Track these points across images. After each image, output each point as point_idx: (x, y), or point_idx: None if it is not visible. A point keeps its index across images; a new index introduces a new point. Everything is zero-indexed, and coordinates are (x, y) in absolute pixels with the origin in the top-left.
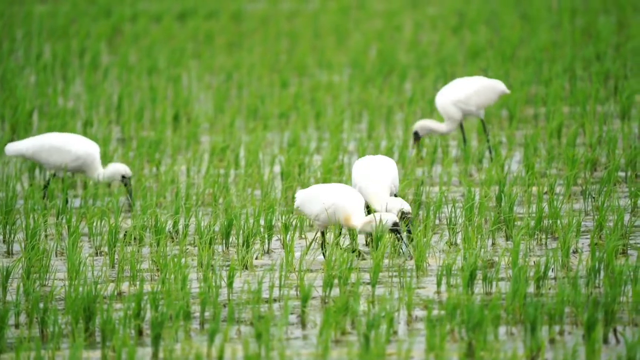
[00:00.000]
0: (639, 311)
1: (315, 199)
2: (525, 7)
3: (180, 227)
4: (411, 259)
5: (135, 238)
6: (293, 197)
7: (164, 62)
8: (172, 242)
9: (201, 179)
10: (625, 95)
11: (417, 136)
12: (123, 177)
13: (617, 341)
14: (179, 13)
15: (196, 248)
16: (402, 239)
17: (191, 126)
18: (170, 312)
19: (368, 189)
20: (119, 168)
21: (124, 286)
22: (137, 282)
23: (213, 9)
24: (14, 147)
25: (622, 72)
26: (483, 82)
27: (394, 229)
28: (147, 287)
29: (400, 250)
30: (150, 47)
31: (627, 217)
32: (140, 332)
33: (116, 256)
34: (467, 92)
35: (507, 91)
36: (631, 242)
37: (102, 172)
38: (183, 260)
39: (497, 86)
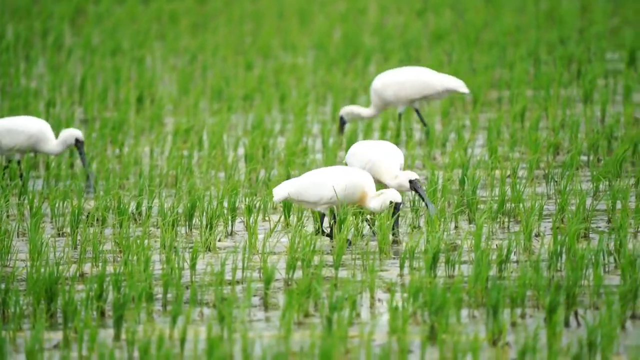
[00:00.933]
0: (600, 294)
1: (325, 182)
2: None
3: (144, 208)
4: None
5: (97, 219)
6: (257, 179)
7: (127, 43)
8: (135, 223)
9: (164, 161)
10: (588, 80)
11: (342, 121)
12: (77, 140)
13: (578, 324)
14: None
15: (159, 230)
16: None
17: (155, 107)
18: (132, 294)
19: (382, 164)
20: (72, 132)
21: (86, 267)
22: (100, 264)
23: None
24: None
25: (586, 56)
26: (420, 76)
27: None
28: (109, 269)
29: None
30: (113, 28)
31: (589, 201)
32: (102, 314)
33: (78, 237)
34: (399, 82)
35: (460, 90)
36: (593, 225)
37: (55, 142)
38: (146, 241)
39: (440, 83)
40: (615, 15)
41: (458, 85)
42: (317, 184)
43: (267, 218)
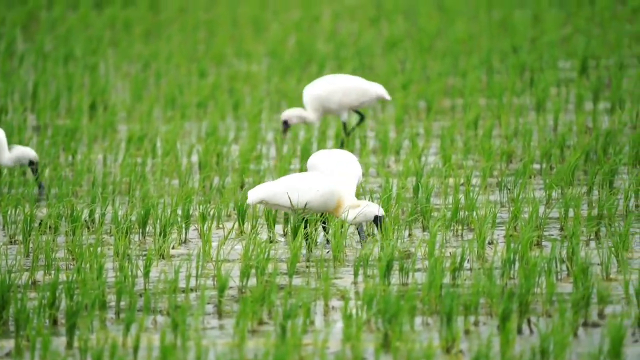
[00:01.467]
0: (553, 302)
1: (302, 187)
2: None
3: (97, 216)
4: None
5: (50, 227)
6: (211, 187)
7: (80, 50)
8: (88, 231)
9: (118, 168)
10: (540, 88)
11: (286, 125)
12: (31, 162)
13: (531, 332)
14: (96, 1)
15: (112, 237)
16: (380, 229)
17: (108, 115)
18: (85, 302)
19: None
20: (27, 153)
21: (39, 275)
22: (52, 271)
23: None
24: None
25: (538, 64)
26: (351, 83)
27: (376, 221)
28: (62, 277)
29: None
30: (66, 34)
31: (541, 209)
32: (55, 322)
33: (31, 245)
34: (330, 90)
35: (386, 97)
36: (545, 233)
37: (8, 155)
38: (99, 249)
39: (374, 90)
40: (567, 24)
41: (385, 92)
42: (294, 189)
43: (221, 225)
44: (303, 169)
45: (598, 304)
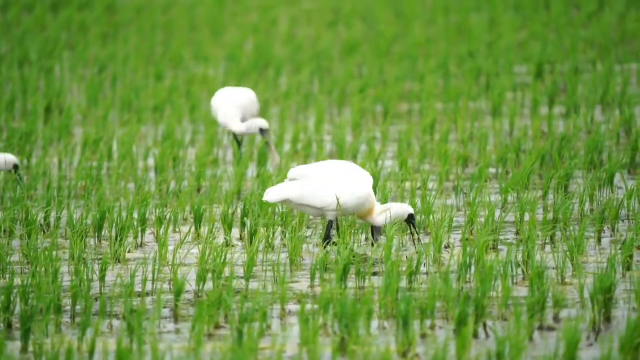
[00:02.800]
0: (508, 306)
1: (336, 189)
2: (400, 3)
3: (52, 219)
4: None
5: (5, 230)
6: (167, 190)
7: (35, 52)
8: (43, 234)
9: (73, 172)
10: (496, 93)
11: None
12: (15, 166)
13: (487, 335)
14: (52, 3)
15: (68, 241)
16: (415, 231)
17: (63, 118)
18: (40, 306)
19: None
20: (8, 159)
21: None
22: (7, 275)
23: None
24: None
25: (494, 69)
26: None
27: (410, 219)
28: (17, 280)
29: (415, 242)
30: (21, 37)
31: (497, 213)
32: (9, 326)
33: None
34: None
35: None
36: (501, 237)
37: None
38: (54, 253)
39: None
40: (522, 29)
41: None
42: (326, 190)
43: (177, 229)
44: (260, 172)
45: (553, 308)
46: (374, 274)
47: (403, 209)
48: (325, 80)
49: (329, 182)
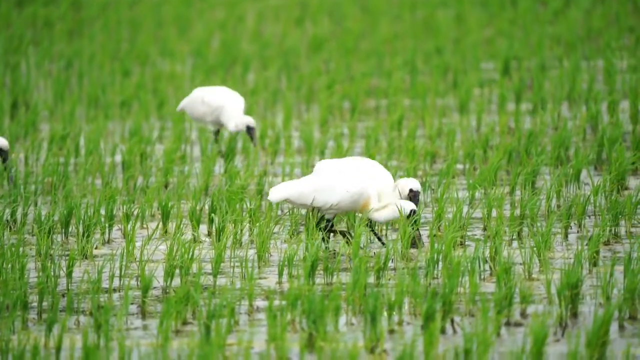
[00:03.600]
0: (476, 302)
1: (331, 187)
2: (366, 0)
3: (18, 216)
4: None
5: None
6: (135, 187)
7: (1, 49)
8: (10, 231)
9: (40, 168)
10: (463, 89)
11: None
12: (0, 150)
13: (455, 331)
14: None
15: (35, 237)
16: (417, 230)
17: (30, 114)
18: (7, 302)
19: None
20: None
21: None
22: None
23: None
24: None
25: (461, 66)
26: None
27: (411, 216)
28: None
29: (416, 241)
30: None
31: (465, 209)
32: None
33: None
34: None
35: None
36: (469, 233)
37: None
38: (21, 249)
39: None
40: (489, 26)
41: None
42: (322, 189)
43: (145, 225)
44: (228, 168)
45: (521, 304)
46: (342, 270)
47: (405, 205)
48: (292, 77)
49: (326, 181)
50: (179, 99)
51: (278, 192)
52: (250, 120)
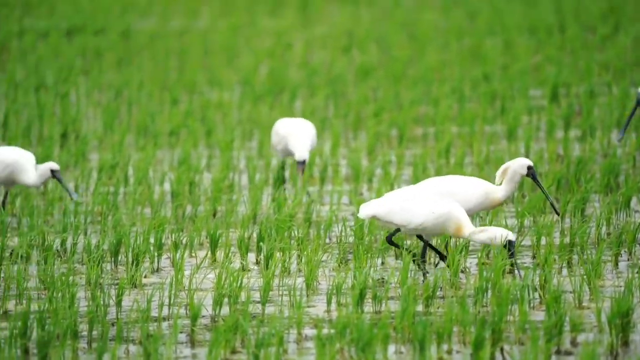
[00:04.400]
0: (525, 330)
1: (416, 207)
2: (413, 28)
3: (68, 245)
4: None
5: (22, 256)
6: (183, 215)
7: (51, 78)
8: (60, 260)
9: (90, 197)
10: (511, 116)
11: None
12: (52, 171)
13: None
14: (67, 29)
15: (84, 266)
16: (514, 258)
17: (79, 143)
18: (57, 331)
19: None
20: (47, 165)
21: (10, 305)
22: (24, 301)
23: (101, 25)
24: None
25: (509, 92)
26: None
27: (510, 247)
28: (34, 306)
29: (516, 270)
30: (37, 63)
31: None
32: (26, 352)
33: (2, 274)
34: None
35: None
36: (518, 261)
37: (34, 174)
38: (71, 278)
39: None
40: (537, 52)
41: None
42: (408, 208)
43: (193, 254)
44: (276, 195)
45: (571, 332)
46: (391, 298)
47: (500, 233)
48: (340, 105)
49: (413, 200)
50: (226, 127)
51: (367, 208)
52: (299, 155)
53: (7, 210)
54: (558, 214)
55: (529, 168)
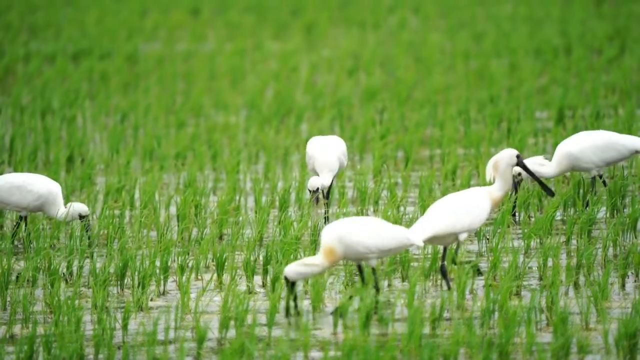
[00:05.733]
0: (533, 352)
1: (472, 211)
2: (419, 50)
3: (75, 268)
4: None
5: (28, 280)
6: (189, 238)
7: (57, 102)
8: (66, 284)
9: (96, 220)
10: (518, 138)
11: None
12: (80, 215)
13: None
14: (73, 53)
15: (90, 290)
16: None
17: (85, 167)
18: (63, 355)
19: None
20: (77, 208)
21: (17, 329)
22: (30, 325)
23: (108, 49)
24: None
25: (515, 114)
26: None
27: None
28: (40, 330)
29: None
30: (43, 87)
31: (520, 259)
32: None
33: (8, 298)
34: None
35: None
36: (524, 283)
37: (62, 209)
38: (77, 302)
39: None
40: (543, 74)
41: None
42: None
43: (199, 277)
44: (282, 218)
45: (578, 354)
46: (397, 320)
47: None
48: (346, 127)
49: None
50: (233, 150)
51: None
52: (312, 184)
53: (17, 232)
54: (552, 195)
55: (518, 157)
